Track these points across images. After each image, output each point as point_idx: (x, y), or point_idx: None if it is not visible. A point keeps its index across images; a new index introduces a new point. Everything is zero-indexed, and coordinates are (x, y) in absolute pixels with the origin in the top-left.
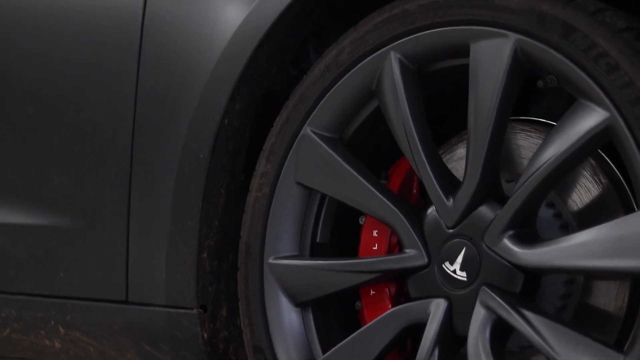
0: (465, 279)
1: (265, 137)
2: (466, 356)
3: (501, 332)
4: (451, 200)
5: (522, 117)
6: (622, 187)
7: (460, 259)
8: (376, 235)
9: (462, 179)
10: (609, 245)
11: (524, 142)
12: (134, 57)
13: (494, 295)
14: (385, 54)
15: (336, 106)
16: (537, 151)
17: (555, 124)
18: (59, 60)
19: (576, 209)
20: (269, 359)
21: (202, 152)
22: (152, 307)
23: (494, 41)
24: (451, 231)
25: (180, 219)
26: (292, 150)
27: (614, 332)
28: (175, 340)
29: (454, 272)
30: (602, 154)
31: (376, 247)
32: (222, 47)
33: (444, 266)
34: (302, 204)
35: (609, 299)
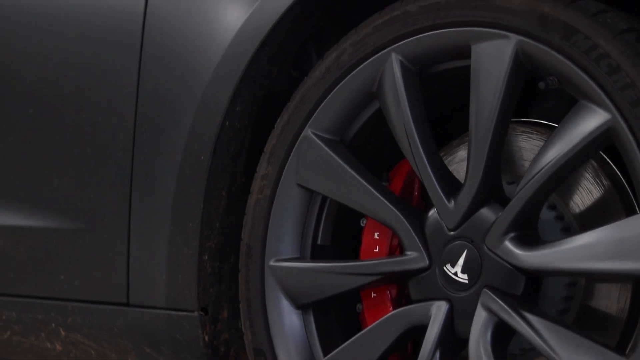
0: (466, 282)
1: (266, 138)
2: (467, 359)
3: (503, 335)
4: (452, 202)
5: (524, 119)
6: (623, 189)
7: (461, 261)
8: (377, 237)
9: (463, 180)
10: (610, 247)
11: (526, 144)
12: (134, 58)
13: (495, 297)
14: (386, 55)
15: (337, 108)
16: (539, 153)
17: (556, 125)
18: (59, 60)
19: (578, 211)
20: None
21: (203, 154)
22: (153, 310)
23: (495, 42)
24: (452, 233)
25: (181, 220)
26: (293, 152)
27: (616, 334)
28: (176, 342)
29: (455, 274)
30: (603, 155)
31: (377, 250)
32: (223, 48)
33: (445, 268)
34: (303, 206)
35: (610, 301)
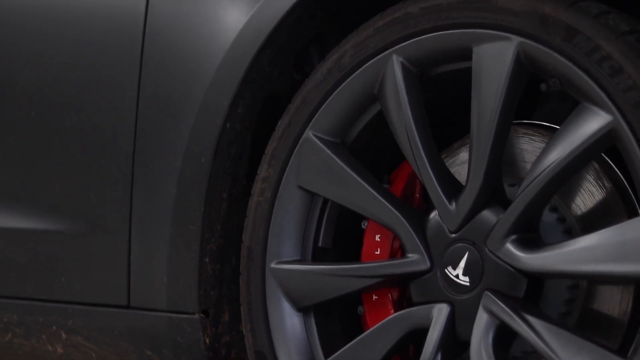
0: (468, 284)
1: (267, 140)
2: None
3: (504, 337)
4: (454, 204)
5: (525, 121)
6: (625, 191)
7: (463, 263)
8: (379, 239)
9: (464, 183)
10: (612, 249)
11: (527, 146)
12: (135, 60)
13: (496, 300)
14: (387, 57)
15: (338, 110)
16: (540, 155)
17: (558, 127)
18: (60, 63)
19: (580, 213)
20: None
21: (204, 156)
22: (153, 312)
23: (497, 44)
24: (454, 235)
25: (182, 223)
26: (294, 154)
27: (618, 337)
28: (177, 345)
29: (457, 276)
30: (605, 157)
31: (379, 252)
32: (224, 50)
33: (446, 271)
34: (304, 208)
35: (612, 303)
